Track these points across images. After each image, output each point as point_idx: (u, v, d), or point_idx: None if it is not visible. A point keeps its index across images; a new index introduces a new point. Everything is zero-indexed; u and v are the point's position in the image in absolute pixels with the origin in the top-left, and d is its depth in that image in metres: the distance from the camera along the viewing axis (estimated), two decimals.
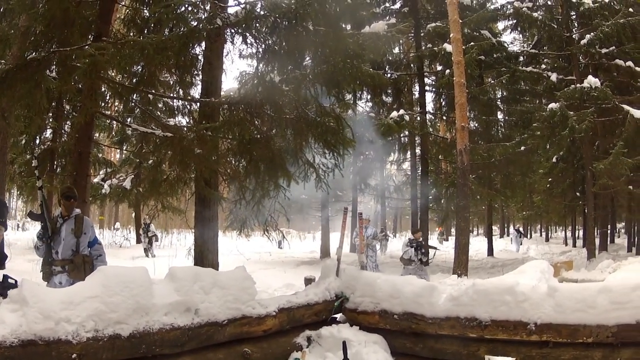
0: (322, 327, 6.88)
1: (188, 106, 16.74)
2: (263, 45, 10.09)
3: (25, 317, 4.26)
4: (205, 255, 11.66)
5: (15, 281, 5.09)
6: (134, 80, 11.90)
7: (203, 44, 11.12)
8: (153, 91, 12.58)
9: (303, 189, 12.34)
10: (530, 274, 7.82)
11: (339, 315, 7.43)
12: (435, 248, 18.27)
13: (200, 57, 11.57)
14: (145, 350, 4.84)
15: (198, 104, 12.73)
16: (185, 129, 11.77)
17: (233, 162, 11.55)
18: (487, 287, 6.37)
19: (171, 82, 14.98)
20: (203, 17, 10.24)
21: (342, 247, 8.05)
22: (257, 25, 9.88)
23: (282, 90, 10.26)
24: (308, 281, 7.68)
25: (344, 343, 6.32)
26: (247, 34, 10.03)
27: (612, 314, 5.50)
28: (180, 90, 14.36)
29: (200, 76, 12.13)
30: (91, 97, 9.52)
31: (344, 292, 7.26)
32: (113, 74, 12.32)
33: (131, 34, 12.21)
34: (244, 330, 5.81)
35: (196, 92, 14.19)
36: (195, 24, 10.10)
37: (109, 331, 4.60)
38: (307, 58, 10.78)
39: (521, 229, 40.31)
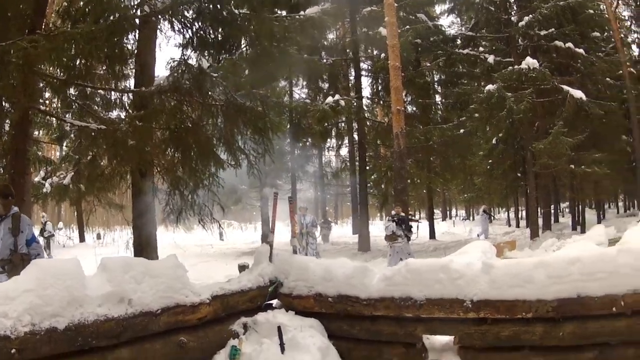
0: (257, 314, 6.91)
1: (125, 98, 16.64)
2: (190, 32, 10.15)
3: None
4: (144, 249, 11.65)
5: None
6: (70, 73, 11.85)
7: (134, 34, 11.14)
8: (88, 84, 12.50)
9: (235, 176, 12.43)
10: (472, 254, 7.98)
11: (275, 301, 7.48)
12: (416, 221, 18.43)
13: (132, 47, 11.58)
14: (81, 343, 4.87)
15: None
16: (117, 120, 11.74)
17: (167, 152, 11.58)
18: (420, 265, 6.44)
19: (109, 76, 14.87)
20: (131, 4, 10.25)
21: (274, 233, 8.15)
22: (184, 11, 9.92)
23: (210, 77, 10.33)
24: (242, 268, 7.73)
25: (279, 328, 6.43)
26: (174, 20, 10.07)
27: (551, 289, 5.56)
28: (116, 82, 14.32)
29: (134, 66, 12.15)
30: (25, 93, 9.43)
31: (278, 277, 7.31)
32: (51, 69, 12.21)
33: (66, 26, 12.13)
34: (179, 319, 5.84)
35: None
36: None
37: (46, 324, 4.61)
38: (235, 44, 10.86)
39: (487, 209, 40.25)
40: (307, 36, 11.59)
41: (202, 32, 10.04)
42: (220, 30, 9.96)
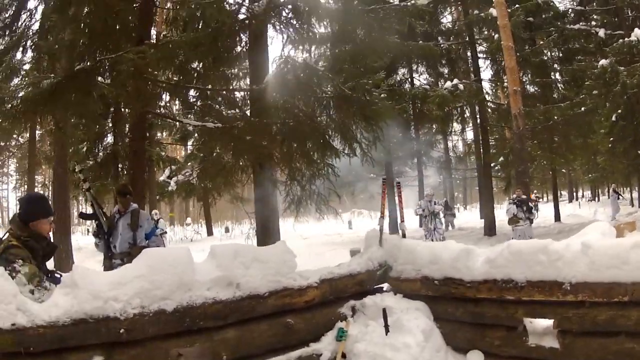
0: (366, 297, 7.00)
1: (239, 96, 17.15)
2: (290, 30, 10.37)
3: (76, 299, 4.64)
4: (266, 240, 11.99)
5: (60, 275, 5.47)
6: (185, 77, 12.35)
7: (244, 36, 11.50)
8: (199, 86, 12.98)
9: (361, 166, 12.58)
10: (590, 237, 7.79)
11: (385, 285, 7.55)
12: (536, 201, 18.16)
13: (241, 49, 11.96)
14: (189, 324, 5.18)
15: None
16: (233, 118, 12.14)
17: (283, 144, 11.87)
18: (521, 247, 6.30)
19: (230, 75, 15.40)
20: (233, 9, 10.60)
21: (384, 217, 8.22)
22: (282, 11, 10.17)
23: (316, 70, 10.55)
24: (353, 253, 7.89)
25: (384, 310, 6.53)
26: (275, 21, 10.33)
27: None
28: (236, 82, 14.80)
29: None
30: (138, 98, 9.94)
31: (387, 261, 7.37)
32: (169, 74, 12.75)
33: (175, 33, 12.66)
34: (286, 302, 6.03)
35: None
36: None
37: (154, 307, 4.95)
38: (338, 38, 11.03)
39: (617, 189, 38.30)
40: (403, 23, 11.53)
41: (301, 30, 10.22)
42: (319, 25, 10.12)
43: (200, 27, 10.87)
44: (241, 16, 10.79)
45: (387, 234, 7.87)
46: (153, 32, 15.78)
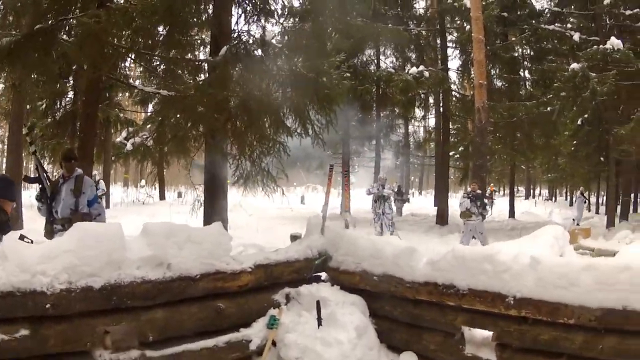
0: (302, 285, 6.94)
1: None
2: (251, 2, 10.26)
3: (4, 271, 4.58)
4: (213, 210, 11.95)
5: (31, 241, 5.51)
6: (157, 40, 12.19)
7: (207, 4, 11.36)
8: (158, 52, 12.80)
9: (323, 145, 12.58)
10: (543, 239, 7.71)
11: (323, 275, 7.50)
12: (490, 198, 18.23)
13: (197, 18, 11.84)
14: (116, 302, 5.11)
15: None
16: (187, 88, 12.04)
17: (237, 119, 11.81)
18: (466, 253, 6.21)
19: (195, 43, 15.22)
20: None
21: (327, 205, 8.17)
22: None
23: (273, 47, 10.47)
24: (294, 238, 7.83)
25: (318, 302, 6.48)
26: None
27: (597, 295, 5.06)
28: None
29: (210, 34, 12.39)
30: (92, 62, 9.78)
31: (328, 250, 7.32)
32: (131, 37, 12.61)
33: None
34: (218, 286, 5.98)
35: None
36: None
37: (82, 283, 4.88)
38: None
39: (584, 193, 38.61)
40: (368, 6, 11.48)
41: (264, 4, 10.10)
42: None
43: None
44: None
45: (329, 222, 7.83)
46: None
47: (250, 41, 10.27)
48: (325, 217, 7.75)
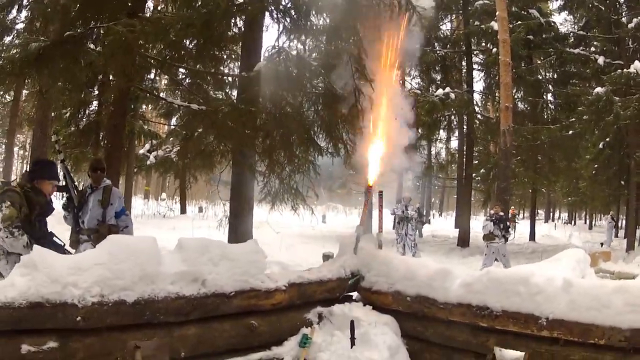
0: (334, 305, 6.87)
1: (230, 80, 16.96)
2: (287, 20, 10.17)
3: (34, 281, 4.47)
4: (238, 227, 11.86)
5: (63, 244, 5.56)
6: (173, 54, 12.13)
7: (239, 20, 11.31)
8: (188, 66, 12.76)
9: (331, 164, 12.46)
10: (565, 262, 7.66)
11: (354, 294, 7.43)
12: (514, 221, 18.11)
13: (234, 33, 11.77)
14: (149, 317, 5.00)
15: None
16: (219, 102, 11.96)
17: (267, 135, 11.71)
18: (501, 275, 6.21)
19: (222, 56, 15.18)
20: None
21: (363, 225, 8.09)
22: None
23: (309, 64, 10.36)
24: (326, 257, 7.77)
25: (352, 322, 6.37)
26: (272, 9, 10.14)
27: (627, 317, 5.18)
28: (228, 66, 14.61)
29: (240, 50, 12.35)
30: (123, 72, 9.73)
31: (360, 270, 7.26)
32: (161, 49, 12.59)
33: (172, 8, 12.43)
34: (252, 303, 5.89)
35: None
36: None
37: (114, 297, 4.77)
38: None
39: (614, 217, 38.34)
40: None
41: (301, 20, 9.98)
42: (318, 18, 9.90)
43: (196, 5, 10.64)
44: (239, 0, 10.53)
45: (363, 242, 7.72)
46: (150, 4, 15.53)
47: (286, 58, 10.09)
48: (360, 238, 7.64)
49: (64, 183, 8.15)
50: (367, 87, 9.52)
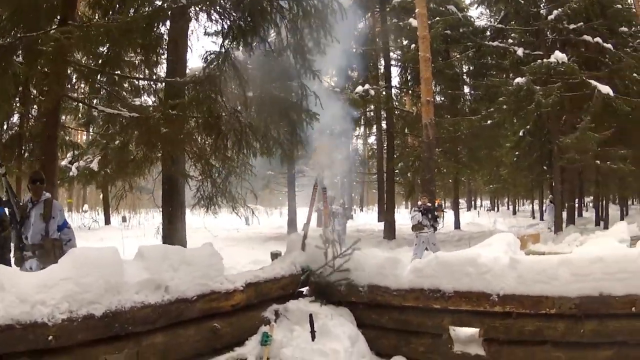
0: (289, 301, 7.04)
1: (154, 86, 16.74)
2: (228, 21, 10.11)
3: (2, 302, 4.33)
4: (173, 234, 11.74)
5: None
6: (100, 61, 11.92)
7: (168, 23, 11.17)
8: (118, 72, 12.59)
9: (268, 163, 12.45)
10: (496, 246, 7.92)
11: (305, 289, 7.58)
12: (441, 210, 18.37)
13: (165, 36, 11.63)
14: (118, 329, 4.96)
15: (163, 83, 12.82)
16: (151, 108, 11.84)
17: (199, 140, 11.66)
18: (450, 259, 6.52)
19: (137, 62, 14.94)
20: None
21: (309, 223, 8.23)
22: (222, 1, 9.89)
23: (246, 67, 10.37)
24: (274, 256, 7.84)
25: (311, 316, 6.54)
26: (212, 11, 10.05)
27: (574, 286, 5.63)
28: (145, 70, 14.37)
29: (166, 55, 12.19)
30: (58, 81, 9.55)
31: (310, 266, 7.43)
32: (78, 56, 12.30)
33: (96, 15, 12.21)
34: (213, 306, 5.95)
35: (162, 71, 14.22)
36: (159, 3, 10.17)
37: (83, 311, 4.70)
38: (272, 32, 10.79)
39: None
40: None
41: (240, 22, 9.92)
42: (259, 18, 9.83)
43: (130, 10, 10.51)
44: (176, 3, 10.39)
45: (310, 238, 7.84)
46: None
47: (223, 61, 10.04)
48: (307, 235, 7.77)
49: (5, 198, 7.96)
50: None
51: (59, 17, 10.17)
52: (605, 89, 22.12)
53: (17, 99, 15.14)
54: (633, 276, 5.46)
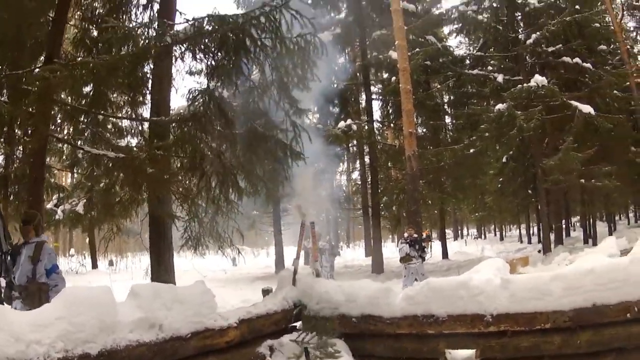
0: (282, 336, 7.05)
1: (139, 126, 16.74)
2: (212, 61, 10.14)
3: None
4: (161, 276, 11.65)
5: None
6: (84, 101, 11.93)
7: (151, 62, 11.19)
8: (103, 112, 12.60)
9: (254, 204, 12.40)
10: (485, 272, 8.02)
11: (298, 324, 7.55)
12: (429, 240, 18.39)
13: (149, 75, 11.65)
14: None
15: (148, 123, 12.81)
16: (136, 149, 11.82)
17: (185, 180, 11.64)
18: (442, 284, 6.65)
19: (121, 103, 14.95)
20: (152, 35, 10.32)
21: (298, 258, 8.24)
22: (206, 40, 9.94)
23: (231, 105, 10.40)
24: (266, 292, 7.85)
25: (306, 349, 6.56)
26: (196, 50, 10.09)
27: (567, 300, 5.78)
28: (130, 110, 14.39)
29: (150, 95, 12.22)
30: (44, 121, 9.55)
31: (302, 300, 7.47)
32: (63, 95, 12.30)
33: (80, 54, 12.24)
34: (207, 343, 5.92)
35: (145, 111, 14.20)
36: (145, 42, 10.20)
37: (78, 351, 4.67)
38: (256, 70, 10.83)
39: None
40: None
41: (224, 61, 9.94)
42: (242, 58, 9.85)
43: (112, 50, 10.54)
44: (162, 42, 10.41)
45: (300, 273, 7.87)
46: None
47: (209, 100, 10.04)
48: (297, 270, 7.82)
49: None
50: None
51: (44, 55, 10.19)
52: (587, 108, 22.51)
53: (2, 139, 15.10)
54: (624, 284, 5.64)
